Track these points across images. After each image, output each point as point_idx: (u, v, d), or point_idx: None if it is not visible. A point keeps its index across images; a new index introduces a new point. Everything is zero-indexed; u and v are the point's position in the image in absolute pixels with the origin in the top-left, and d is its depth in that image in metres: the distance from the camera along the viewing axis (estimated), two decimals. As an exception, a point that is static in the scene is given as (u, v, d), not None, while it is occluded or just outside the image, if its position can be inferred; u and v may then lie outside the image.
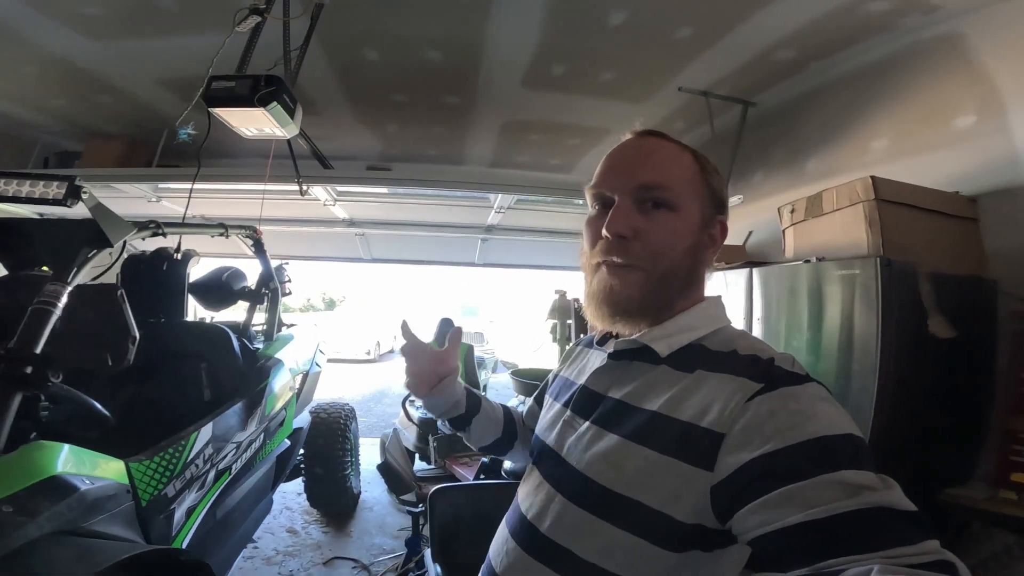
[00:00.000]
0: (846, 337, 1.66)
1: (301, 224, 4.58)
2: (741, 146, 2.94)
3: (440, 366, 0.83)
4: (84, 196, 1.27)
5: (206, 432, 1.62)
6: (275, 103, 1.82)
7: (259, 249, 2.61)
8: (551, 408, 0.75)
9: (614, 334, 0.70)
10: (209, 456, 1.62)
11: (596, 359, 0.72)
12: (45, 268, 1.92)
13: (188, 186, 2.48)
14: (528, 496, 0.68)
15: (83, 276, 1.31)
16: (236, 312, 2.72)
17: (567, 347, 0.90)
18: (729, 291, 2.41)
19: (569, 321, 4.46)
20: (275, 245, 2.67)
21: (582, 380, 0.71)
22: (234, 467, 1.79)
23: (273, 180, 2.89)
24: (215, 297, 2.50)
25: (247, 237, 2.57)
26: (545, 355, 4.93)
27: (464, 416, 0.87)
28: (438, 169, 4.14)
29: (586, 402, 0.67)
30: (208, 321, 2.70)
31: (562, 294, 4.60)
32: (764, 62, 2.46)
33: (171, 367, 2.02)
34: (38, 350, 1.13)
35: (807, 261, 1.86)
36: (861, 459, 0.45)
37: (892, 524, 0.41)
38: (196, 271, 2.42)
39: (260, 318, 2.66)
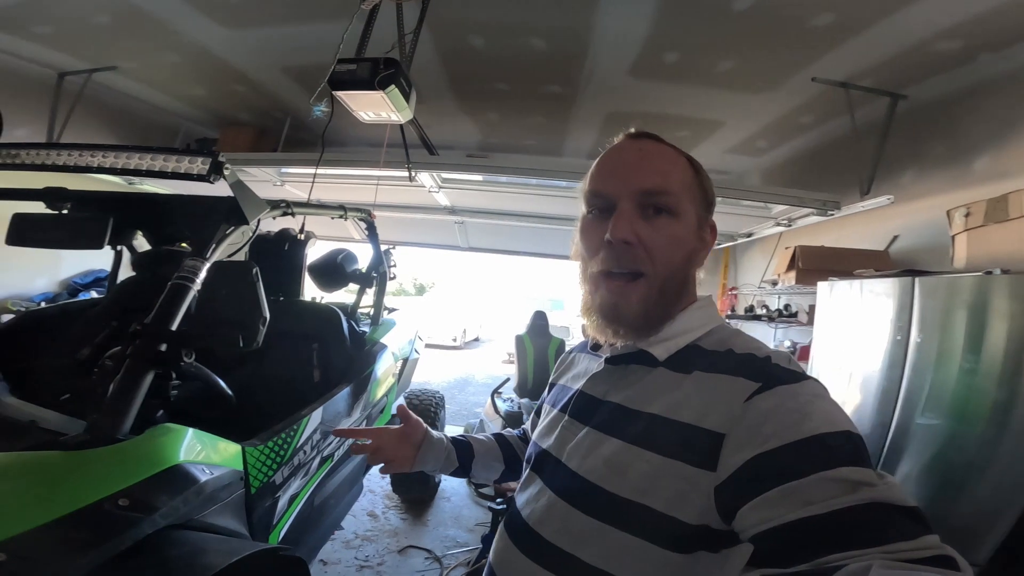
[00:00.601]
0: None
1: (407, 210, 4.67)
2: (888, 142, 2.63)
3: (406, 442, 0.86)
4: (226, 172, 1.27)
5: (316, 417, 1.61)
6: (393, 86, 1.81)
7: (372, 232, 2.62)
8: (548, 414, 0.75)
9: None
10: (316, 443, 1.61)
11: (592, 364, 0.72)
12: (184, 244, 2.05)
13: (310, 171, 2.57)
14: (529, 503, 0.68)
15: (220, 253, 1.32)
16: (341, 296, 2.77)
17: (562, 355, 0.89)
18: (864, 300, 2.16)
19: None
20: (382, 231, 2.68)
21: (579, 385, 0.71)
22: (336, 454, 1.77)
23: (386, 166, 2.92)
24: (329, 278, 2.54)
25: (362, 220, 2.60)
26: None
27: (460, 468, 0.90)
28: (536, 159, 4.00)
29: (584, 407, 0.67)
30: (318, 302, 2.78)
31: None
32: (920, 53, 2.20)
33: (285, 346, 2.04)
34: (174, 327, 1.12)
35: (988, 273, 1.62)
36: (859, 456, 0.46)
37: (890, 519, 0.41)
38: (312, 254, 2.48)
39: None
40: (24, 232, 1.52)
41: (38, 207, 1.55)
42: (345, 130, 3.94)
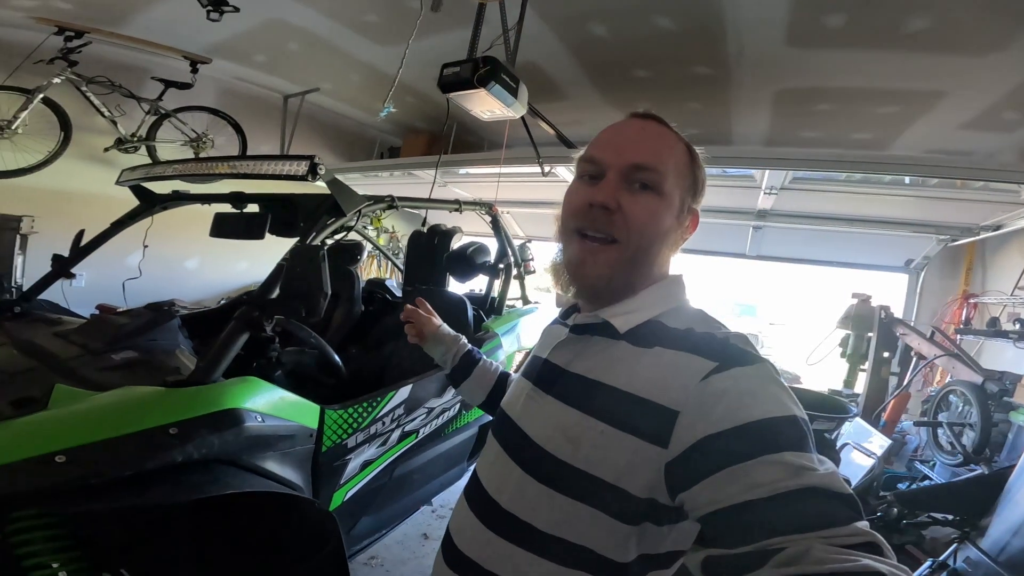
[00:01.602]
0: None
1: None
2: None
3: (427, 324, 1.07)
4: (321, 172, 1.49)
5: (403, 393, 1.75)
6: (494, 82, 1.84)
7: (496, 226, 2.73)
8: (519, 383, 0.75)
9: (578, 308, 0.72)
10: (398, 416, 1.75)
11: (559, 333, 0.72)
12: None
13: (486, 171, 2.75)
14: (487, 468, 0.70)
15: (322, 239, 1.56)
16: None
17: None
18: None
19: (870, 334, 3.41)
20: (530, 226, 2.79)
21: (545, 354, 0.71)
22: (422, 431, 1.90)
23: (519, 162, 3.02)
24: (460, 269, 2.71)
25: (486, 214, 2.73)
26: (826, 372, 3.93)
27: (452, 374, 1.03)
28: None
29: (547, 376, 0.68)
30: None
31: (863, 299, 3.55)
32: None
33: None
34: (266, 299, 1.37)
35: None
36: (802, 441, 0.48)
37: (826, 505, 0.44)
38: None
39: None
40: (220, 227, 1.99)
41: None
42: (513, 129, 4.22)
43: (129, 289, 2.36)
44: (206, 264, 4.40)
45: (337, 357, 1.80)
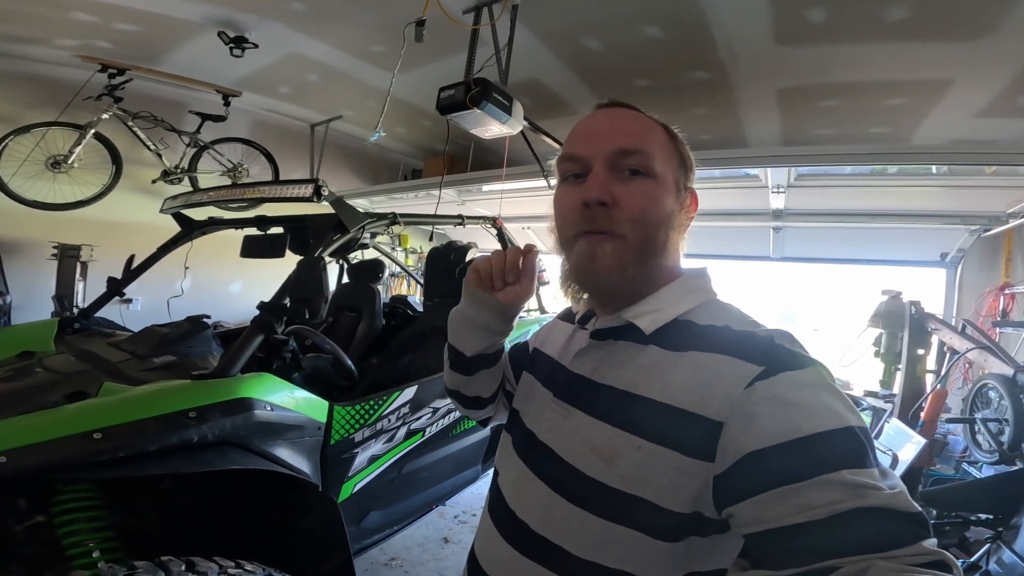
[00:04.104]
0: None
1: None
2: None
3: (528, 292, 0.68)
4: (324, 193, 1.66)
5: (408, 393, 1.88)
6: (485, 101, 1.97)
7: (501, 238, 2.85)
8: (534, 390, 0.70)
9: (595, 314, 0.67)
10: (404, 415, 1.87)
11: (578, 339, 0.68)
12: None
13: (508, 186, 2.89)
14: (511, 485, 0.65)
15: (328, 253, 1.73)
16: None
17: (546, 321, 0.81)
18: None
19: (902, 333, 3.29)
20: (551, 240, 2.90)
21: (564, 361, 0.67)
22: (428, 430, 2.01)
23: (522, 177, 3.14)
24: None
25: (492, 227, 2.86)
26: (860, 373, 3.78)
27: (482, 357, 0.74)
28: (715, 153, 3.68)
29: (571, 388, 0.63)
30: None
31: (893, 296, 3.42)
32: None
33: (438, 341, 2.42)
34: (285, 303, 1.53)
35: None
36: (862, 455, 0.44)
37: (891, 525, 0.41)
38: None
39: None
40: (248, 248, 2.21)
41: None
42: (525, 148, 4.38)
43: (177, 310, 2.59)
44: (248, 287, 4.71)
45: (349, 361, 1.94)
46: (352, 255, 2.99)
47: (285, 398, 1.42)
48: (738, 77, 2.75)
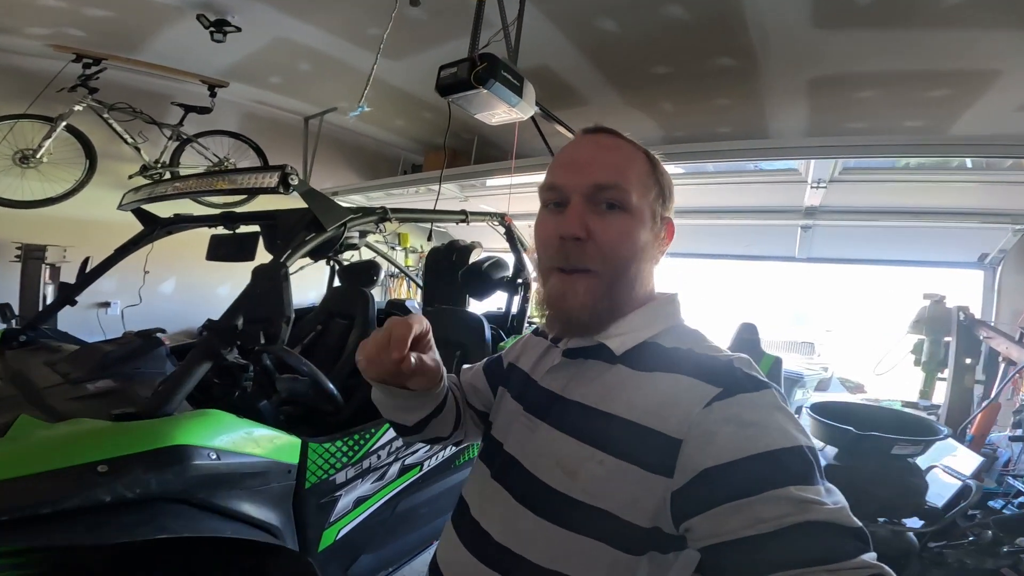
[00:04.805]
0: None
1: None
2: None
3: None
4: (293, 183, 1.36)
5: (400, 423, 1.60)
6: (493, 80, 1.68)
7: (510, 237, 2.57)
8: (506, 403, 0.71)
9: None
10: (396, 449, 1.59)
11: (551, 356, 0.69)
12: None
13: (502, 182, 2.64)
14: (476, 495, 0.67)
15: (299, 258, 1.43)
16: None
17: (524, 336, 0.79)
18: None
19: (947, 339, 3.03)
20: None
21: (537, 377, 0.69)
22: (426, 464, 1.73)
23: (533, 170, 2.87)
24: (476, 285, 2.56)
25: (499, 224, 2.57)
26: (895, 382, 3.53)
27: (426, 420, 0.70)
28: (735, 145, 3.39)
29: (541, 402, 0.65)
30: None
31: (937, 300, 3.16)
32: None
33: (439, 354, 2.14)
34: (237, 323, 1.24)
35: None
36: (809, 473, 0.47)
37: (834, 540, 0.43)
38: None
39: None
40: (215, 250, 1.92)
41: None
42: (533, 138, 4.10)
43: (163, 316, 2.29)
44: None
45: (331, 385, 1.65)
46: (346, 256, 2.71)
47: (239, 439, 1.13)
48: (768, 64, 2.49)
